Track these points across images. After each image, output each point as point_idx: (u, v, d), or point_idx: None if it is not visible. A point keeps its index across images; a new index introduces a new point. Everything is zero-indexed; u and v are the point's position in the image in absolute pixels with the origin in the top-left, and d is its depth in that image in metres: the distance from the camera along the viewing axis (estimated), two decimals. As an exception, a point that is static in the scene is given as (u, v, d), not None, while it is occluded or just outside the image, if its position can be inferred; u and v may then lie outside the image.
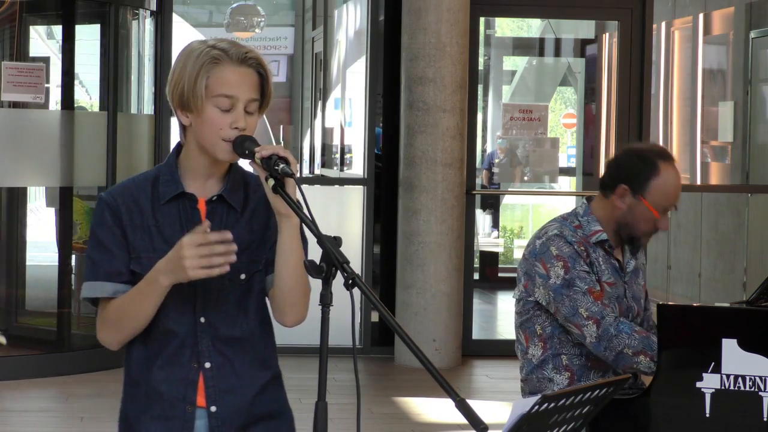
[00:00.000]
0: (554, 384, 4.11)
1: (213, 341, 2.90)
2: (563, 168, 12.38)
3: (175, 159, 2.94)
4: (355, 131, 10.64)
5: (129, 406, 2.96)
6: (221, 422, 2.92)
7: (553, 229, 4.10)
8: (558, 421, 2.51)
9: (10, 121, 8.10)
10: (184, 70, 2.85)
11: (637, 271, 4.24)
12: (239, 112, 2.84)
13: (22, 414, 7.21)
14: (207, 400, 2.91)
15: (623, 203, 4.08)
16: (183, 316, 2.88)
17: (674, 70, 12.31)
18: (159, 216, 2.89)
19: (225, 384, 2.91)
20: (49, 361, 8.17)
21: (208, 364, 2.90)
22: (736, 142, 11.12)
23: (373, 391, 7.80)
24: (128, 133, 8.49)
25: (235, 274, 2.88)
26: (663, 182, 4.05)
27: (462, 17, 8.60)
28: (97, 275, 2.88)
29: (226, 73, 2.84)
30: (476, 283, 10.50)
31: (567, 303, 4.01)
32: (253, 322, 2.93)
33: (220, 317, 2.90)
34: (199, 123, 2.86)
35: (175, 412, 2.90)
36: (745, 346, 3.82)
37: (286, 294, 2.88)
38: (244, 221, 2.91)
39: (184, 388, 2.90)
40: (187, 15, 14.05)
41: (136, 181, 2.94)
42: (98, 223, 2.90)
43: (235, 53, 2.85)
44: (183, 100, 2.86)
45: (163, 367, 2.90)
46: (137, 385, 2.93)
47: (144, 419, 2.92)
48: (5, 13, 8.51)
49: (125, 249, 2.88)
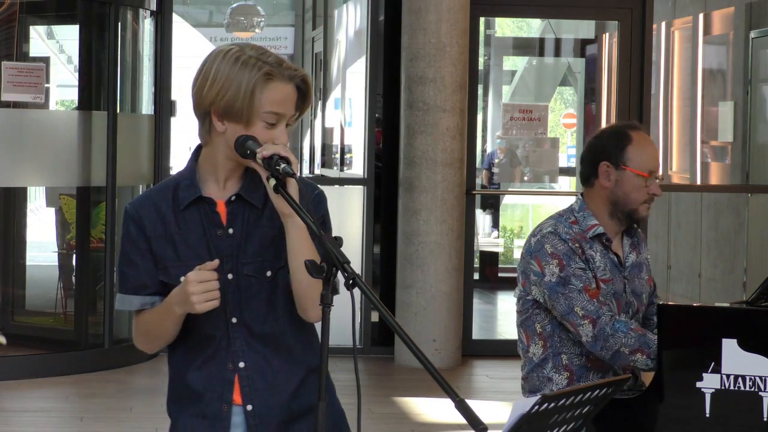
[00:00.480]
0: (553, 383, 4.11)
1: (247, 340, 2.93)
2: (563, 168, 12.38)
3: (194, 163, 2.95)
4: (355, 131, 10.64)
5: (172, 404, 3.03)
6: (259, 420, 2.95)
7: (548, 227, 4.10)
8: (558, 421, 2.51)
9: (10, 121, 8.10)
10: (233, 79, 2.83)
11: (640, 266, 4.23)
12: (282, 128, 2.87)
13: (22, 414, 7.21)
14: (243, 399, 2.94)
15: (609, 180, 4.10)
16: (215, 319, 2.92)
17: (674, 70, 12.31)
18: (181, 223, 2.92)
19: (261, 382, 2.94)
20: (49, 361, 8.17)
21: (242, 363, 2.93)
22: (736, 142, 11.12)
23: (373, 391, 7.80)
24: (128, 133, 8.49)
25: (261, 272, 2.92)
26: (639, 146, 4.09)
27: (462, 17, 8.60)
28: (126, 289, 2.96)
29: (278, 90, 2.85)
30: (476, 283, 10.50)
31: (562, 301, 4.01)
32: (282, 318, 2.95)
33: (251, 316, 2.93)
34: (239, 133, 2.85)
35: (212, 411, 2.95)
36: (745, 346, 3.82)
37: (303, 290, 2.89)
38: (266, 218, 2.92)
39: (221, 387, 2.94)
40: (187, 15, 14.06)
41: (158, 189, 2.97)
42: (124, 237, 2.96)
43: (286, 69, 2.86)
44: (231, 110, 2.84)
45: (200, 368, 2.95)
46: (178, 385, 3.00)
47: (183, 417, 2.99)
48: (5, 13, 8.51)
49: (151, 261, 2.93)
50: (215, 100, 2.85)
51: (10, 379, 7.81)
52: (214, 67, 2.86)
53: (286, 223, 2.85)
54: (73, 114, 8.66)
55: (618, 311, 4.10)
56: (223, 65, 2.85)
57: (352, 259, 2.63)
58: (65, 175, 8.36)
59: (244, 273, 2.91)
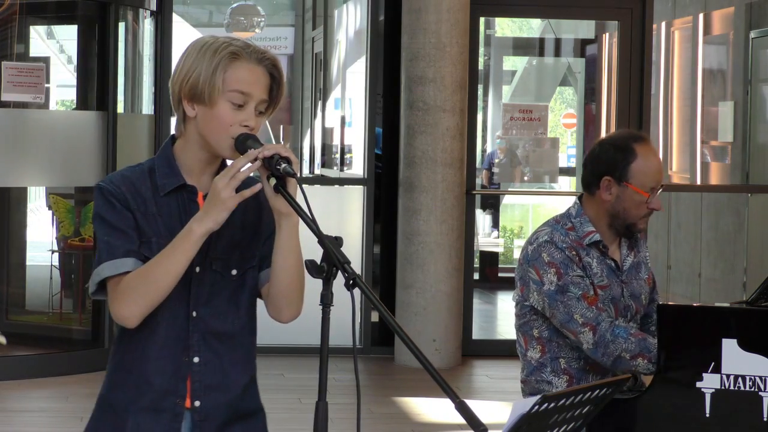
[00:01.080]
0: (553, 387, 4.11)
1: (204, 336, 2.90)
2: (563, 168, 12.39)
3: (170, 151, 2.92)
4: (355, 131, 10.64)
5: (115, 393, 2.93)
6: (204, 417, 2.91)
7: (544, 235, 4.10)
8: (558, 421, 2.51)
9: (10, 121, 8.10)
10: (199, 61, 2.84)
11: (639, 266, 4.23)
12: (251, 110, 2.85)
13: (22, 414, 7.21)
14: (191, 395, 2.90)
15: (610, 195, 4.09)
16: (177, 309, 2.88)
17: (674, 70, 12.31)
18: (160, 207, 2.89)
19: (211, 380, 2.91)
20: (49, 361, 8.17)
21: (197, 358, 2.90)
22: (736, 142, 11.13)
23: (373, 391, 7.80)
24: (128, 133, 8.49)
25: (226, 270, 2.90)
26: (642, 163, 4.07)
27: (462, 17, 8.60)
28: (116, 254, 2.84)
29: (244, 69, 2.84)
30: (476, 283, 10.50)
31: (562, 309, 4.02)
32: (243, 318, 2.94)
33: (211, 312, 2.90)
34: (208, 116, 2.85)
35: (165, 405, 2.90)
36: (745, 346, 3.82)
37: (283, 290, 2.88)
38: (236, 217, 2.89)
39: (176, 381, 2.89)
40: (187, 15, 14.05)
41: (132, 171, 2.92)
42: (105, 209, 2.86)
43: (253, 51, 2.86)
44: (196, 91, 2.84)
45: (156, 358, 2.89)
46: (129, 373, 2.91)
47: (133, 409, 2.90)
48: (5, 13, 8.51)
49: (136, 232, 2.86)
50: (182, 85, 2.85)
51: (10, 379, 7.81)
52: (185, 55, 2.89)
53: (280, 221, 2.84)
54: (73, 114, 8.66)
55: (615, 315, 4.10)
56: (192, 52, 2.87)
57: (352, 259, 2.62)
58: (65, 175, 8.36)
59: (211, 268, 2.88)
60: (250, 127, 2.84)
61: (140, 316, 2.83)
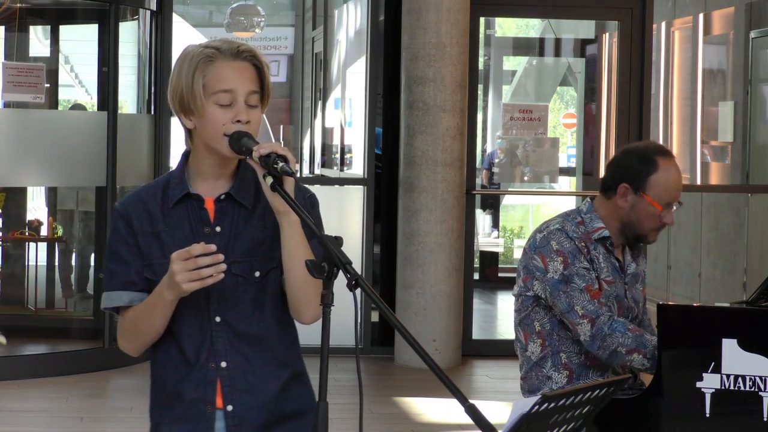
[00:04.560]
0: (553, 382, 4.11)
1: (230, 340, 2.90)
2: (563, 168, 12.37)
3: (184, 164, 2.94)
4: (355, 131, 10.64)
5: (154, 409, 2.98)
6: (239, 421, 2.90)
7: (555, 224, 4.12)
8: (558, 421, 2.51)
9: (10, 121, 8.10)
10: (179, 75, 2.86)
11: (637, 276, 4.24)
12: (240, 105, 2.85)
13: (22, 414, 7.21)
14: (223, 400, 2.90)
15: (625, 202, 4.10)
16: (197, 317, 2.89)
17: (674, 70, 12.31)
18: (169, 220, 2.90)
19: (242, 383, 2.90)
20: (49, 361, 8.17)
21: (224, 363, 2.89)
22: (736, 142, 11.13)
23: (373, 391, 7.80)
24: (128, 133, 8.49)
25: (249, 272, 2.89)
26: (663, 177, 4.08)
27: (462, 17, 8.60)
28: (114, 285, 2.91)
29: (222, 68, 2.85)
30: (476, 283, 10.50)
31: (563, 299, 4.03)
32: (270, 320, 2.92)
33: (236, 315, 2.90)
34: (202, 123, 2.86)
35: (195, 413, 2.91)
36: (745, 346, 3.82)
37: (296, 290, 2.87)
38: (256, 218, 2.90)
39: (204, 388, 2.90)
40: (187, 15, 14.05)
41: (148, 188, 2.96)
42: (113, 234, 2.93)
43: (227, 48, 2.86)
44: (184, 103, 2.86)
45: (182, 368, 2.90)
46: (161, 388, 2.95)
47: (166, 421, 2.94)
48: (5, 13, 8.51)
49: (139, 258, 2.90)
50: (174, 100, 2.89)
51: (10, 379, 7.81)
52: (173, 70, 2.91)
53: (280, 220, 2.83)
54: (73, 114, 8.65)
55: (618, 314, 4.10)
56: (177, 65, 2.90)
57: (352, 259, 2.61)
58: (65, 175, 8.36)
59: (231, 272, 2.86)
60: (244, 121, 2.84)
61: (138, 351, 2.95)
